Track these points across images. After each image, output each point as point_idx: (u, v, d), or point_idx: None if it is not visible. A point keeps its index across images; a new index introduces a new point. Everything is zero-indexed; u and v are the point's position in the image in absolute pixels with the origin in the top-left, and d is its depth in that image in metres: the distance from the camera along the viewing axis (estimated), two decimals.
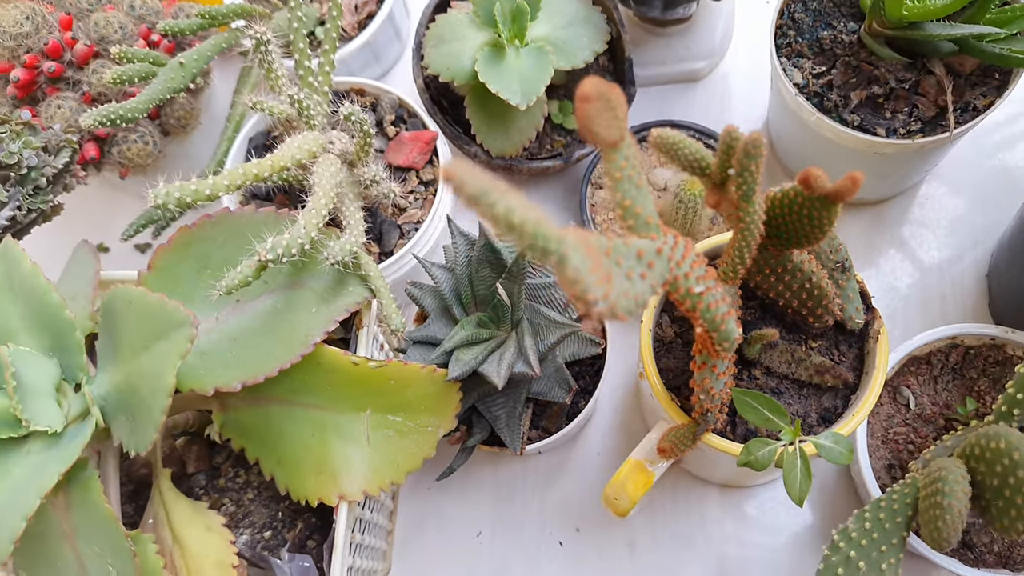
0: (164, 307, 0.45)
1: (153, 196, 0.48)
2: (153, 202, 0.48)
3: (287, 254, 0.49)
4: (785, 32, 0.71)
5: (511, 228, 0.26)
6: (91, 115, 0.57)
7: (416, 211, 0.71)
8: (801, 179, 0.45)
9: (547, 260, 0.28)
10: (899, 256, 0.79)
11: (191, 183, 0.50)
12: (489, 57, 0.68)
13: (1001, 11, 0.63)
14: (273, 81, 0.64)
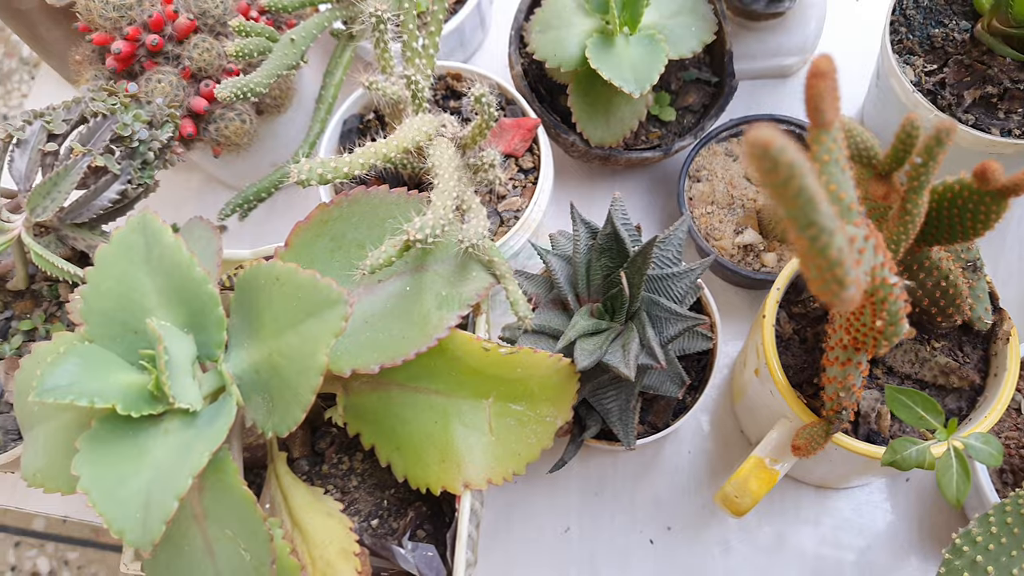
0: (316, 284, 0.43)
1: (297, 172, 0.47)
2: (296, 179, 0.47)
3: (433, 234, 0.48)
4: (897, 29, 0.70)
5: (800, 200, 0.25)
6: (227, 86, 0.56)
7: (516, 199, 0.70)
8: (977, 172, 0.43)
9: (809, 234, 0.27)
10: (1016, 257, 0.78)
11: (331, 160, 0.49)
12: (599, 44, 0.67)
13: None
14: (385, 62, 0.63)
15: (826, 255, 0.27)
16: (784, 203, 0.25)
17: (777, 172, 0.24)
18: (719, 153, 0.76)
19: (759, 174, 0.24)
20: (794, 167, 0.23)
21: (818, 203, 0.25)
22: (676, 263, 0.61)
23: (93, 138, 0.56)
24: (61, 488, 0.47)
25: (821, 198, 0.25)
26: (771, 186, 0.24)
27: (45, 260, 0.54)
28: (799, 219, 0.25)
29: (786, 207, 0.25)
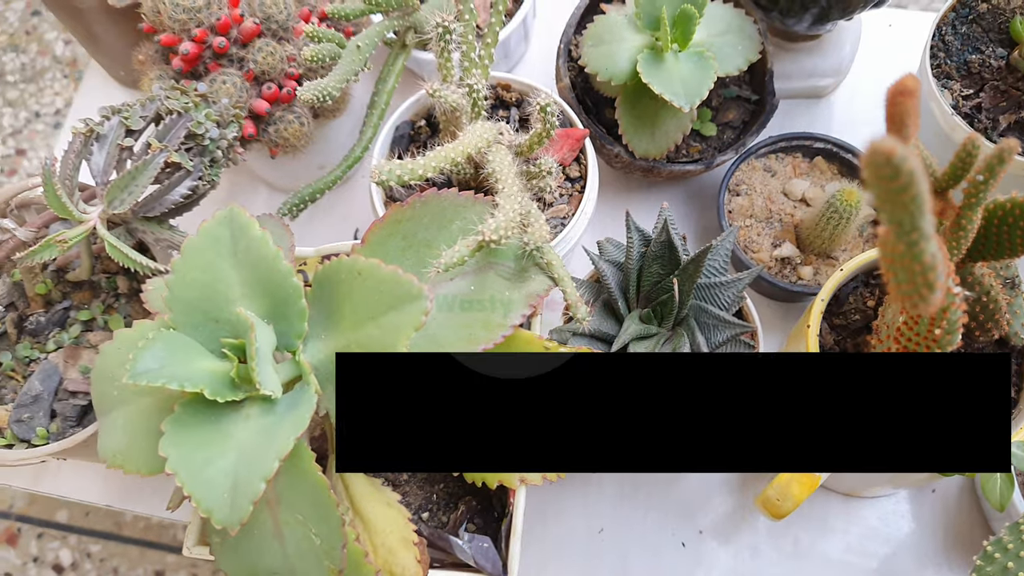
0: (399, 279, 0.45)
1: (377, 172, 0.49)
2: (376, 179, 0.49)
3: (505, 236, 0.50)
4: (936, 54, 0.72)
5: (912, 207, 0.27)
6: (309, 88, 0.58)
7: (563, 207, 0.72)
8: None
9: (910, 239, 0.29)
10: None
11: (407, 162, 0.51)
12: (650, 60, 0.69)
13: None
14: (447, 71, 0.65)
15: (922, 259, 0.29)
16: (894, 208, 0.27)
17: (898, 179, 0.26)
18: (758, 168, 0.79)
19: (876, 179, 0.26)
20: (913, 175, 0.26)
21: (926, 211, 0.27)
22: (723, 272, 0.63)
23: (168, 135, 0.58)
24: (140, 469, 0.48)
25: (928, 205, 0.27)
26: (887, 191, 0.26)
27: (119, 252, 0.56)
28: (904, 223, 0.27)
29: (895, 212, 0.27)
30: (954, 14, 0.73)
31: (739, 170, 0.78)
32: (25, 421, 0.64)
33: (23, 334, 0.68)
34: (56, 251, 0.55)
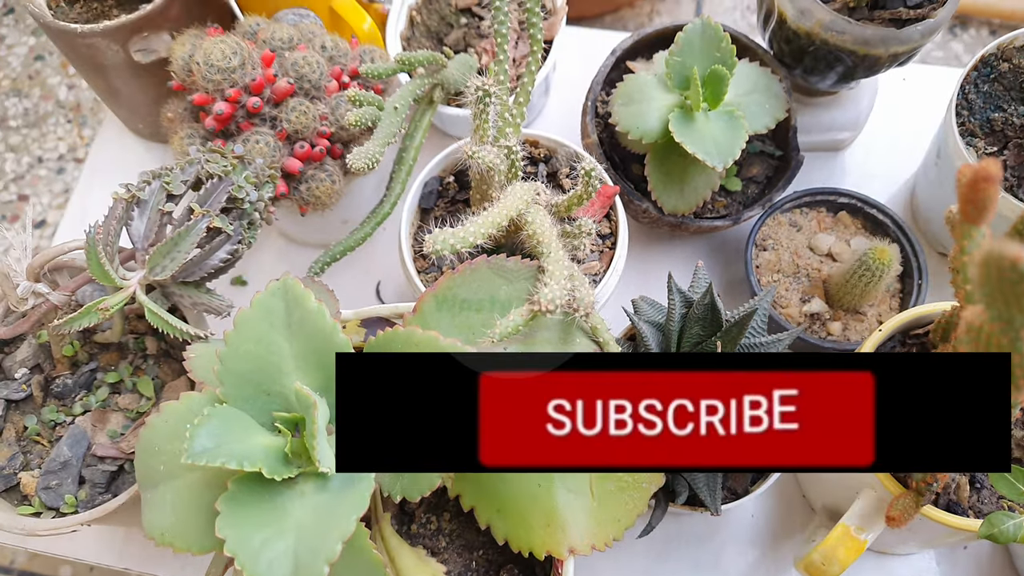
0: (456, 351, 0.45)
1: (431, 241, 0.49)
2: (430, 249, 0.49)
3: (555, 307, 0.49)
4: (960, 112, 0.74)
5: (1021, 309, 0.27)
6: (359, 156, 0.58)
7: (594, 263, 0.72)
8: None
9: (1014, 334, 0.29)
10: None
11: (459, 231, 0.51)
12: (680, 119, 0.70)
13: None
14: (484, 132, 0.65)
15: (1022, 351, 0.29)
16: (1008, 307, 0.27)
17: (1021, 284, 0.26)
18: (783, 223, 0.79)
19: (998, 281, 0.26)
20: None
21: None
22: (763, 332, 0.63)
23: (210, 199, 0.57)
24: (192, 548, 0.47)
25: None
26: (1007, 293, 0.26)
27: (160, 319, 0.55)
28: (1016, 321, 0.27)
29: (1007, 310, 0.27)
30: (976, 73, 0.74)
31: (765, 225, 0.78)
32: (53, 488, 0.62)
33: (49, 397, 0.67)
34: (97, 318, 0.54)
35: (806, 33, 0.72)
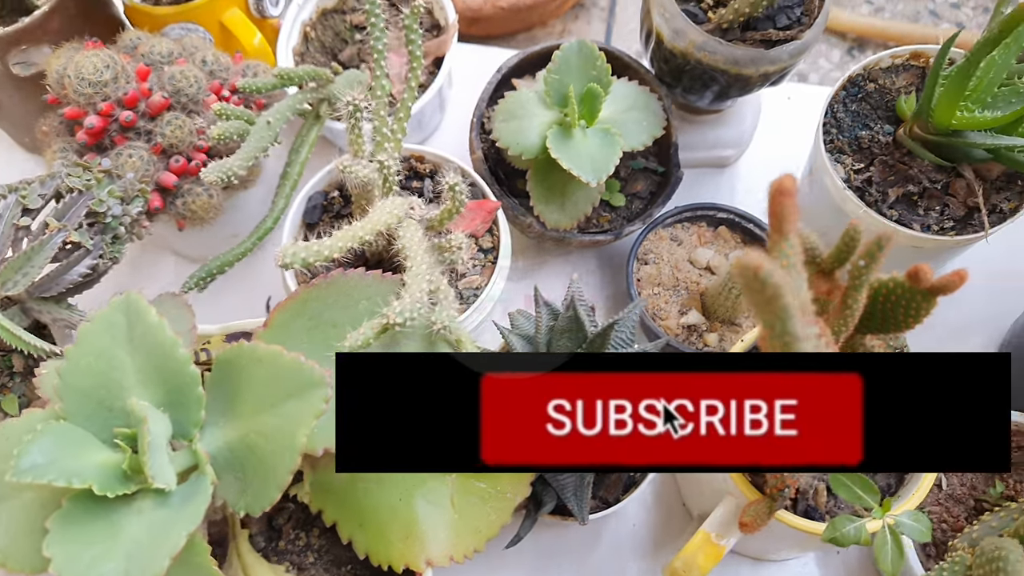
0: (300, 367, 0.45)
1: (282, 255, 0.49)
2: (281, 262, 0.49)
3: (412, 318, 0.50)
4: (828, 130, 0.76)
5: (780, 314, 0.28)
6: (213, 171, 0.57)
7: (475, 277, 0.73)
8: (910, 273, 0.48)
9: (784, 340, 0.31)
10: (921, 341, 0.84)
11: (313, 244, 0.51)
12: (559, 135, 0.71)
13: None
14: (358, 147, 0.65)
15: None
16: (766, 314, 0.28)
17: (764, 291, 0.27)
18: (665, 238, 0.81)
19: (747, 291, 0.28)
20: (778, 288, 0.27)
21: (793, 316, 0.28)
22: (630, 344, 0.64)
23: (68, 213, 0.57)
24: (25, 568, 0.46)
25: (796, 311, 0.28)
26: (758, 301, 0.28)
27: (12, 335, 0.54)
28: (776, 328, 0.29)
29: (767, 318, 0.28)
30: (844, 92, 0.77)
31: (647, 240, 0.80)
32: None
33: None
34: None
35: (681, 53, 0.74)
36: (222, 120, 0.63)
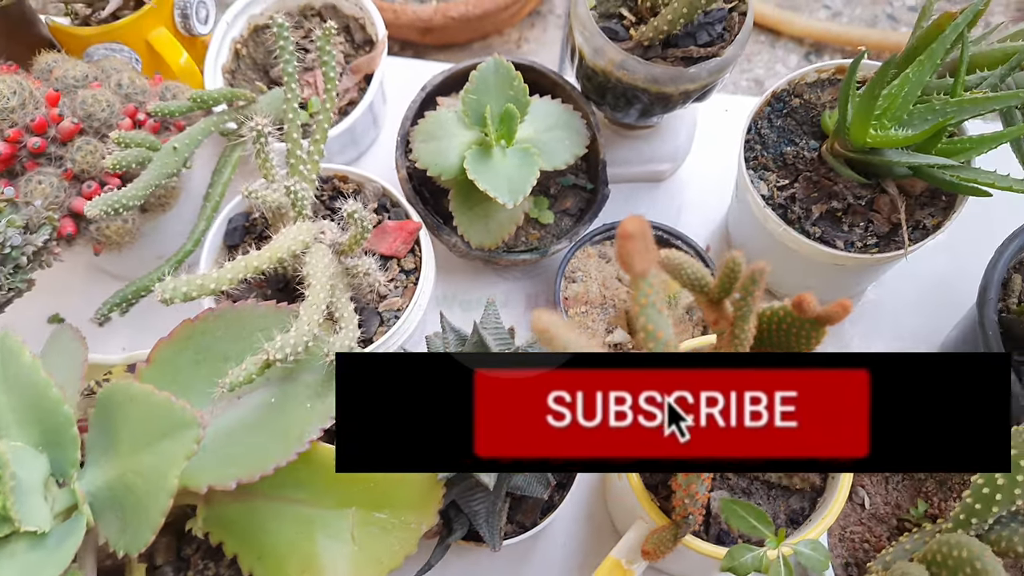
0: (171, 406, 0.45)
1: (161, 291, 0.48)
2: (161, 297, 0.48)
3: (294, 353, 0.49)
4: (752, 146, 0.76)
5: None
6: (96, 205, 0.57)
7: (397, 299, 0.72)
8: (795, 304, 0.48)
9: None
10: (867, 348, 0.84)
11: (196, 277, 0.50)
12: (477, 156, 0.71)
13: (951, 142, 0.69)
14: (267, 171, 0.65)
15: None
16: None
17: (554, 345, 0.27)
18: (593, 255, 0.81)
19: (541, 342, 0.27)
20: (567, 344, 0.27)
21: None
22: None
23: None
24: None
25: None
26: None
27: None
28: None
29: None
30: (769, 108, 0.77)
31: (575, 257, 0.80)
32: None
33: None
34: None
35: (602, 71, 0.74)
36: (121, 148, 0.62)
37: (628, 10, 0.76)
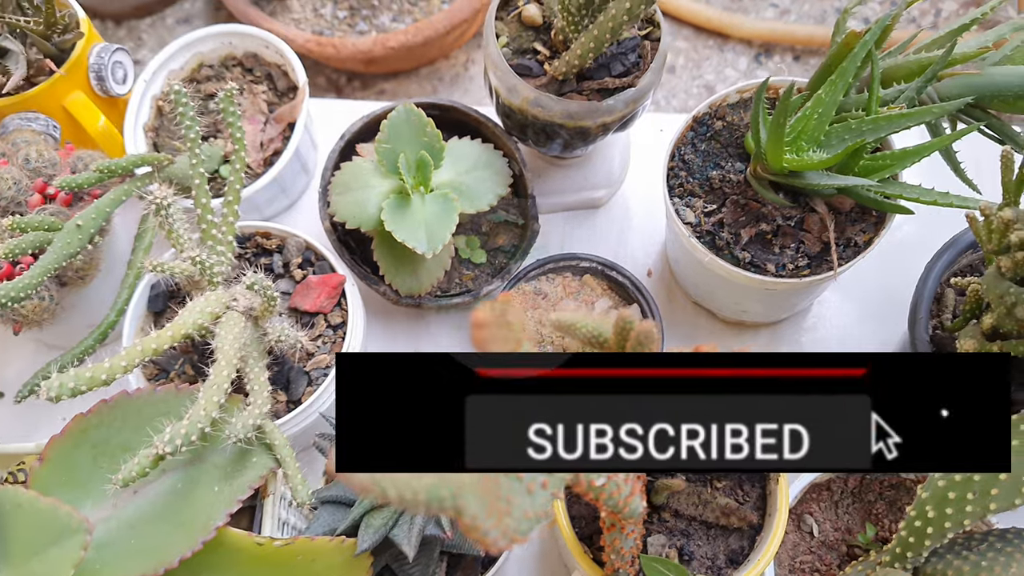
0: (56, 513, 0.43)
1: (46, 390, 0.47)
2: (46, 396, 0.47)
3: (186, 443, 0.48)
4: (677, 173, 0.75)
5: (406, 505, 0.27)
6: None
7: (324, 356, 0.71)
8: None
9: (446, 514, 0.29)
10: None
11: (86, 371, 0.49)
12: (395, 205, 0.70)
13: (874, 158, 0.68)
14: (175, 241, 0.64)
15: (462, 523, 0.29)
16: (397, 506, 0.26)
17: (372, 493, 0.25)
18: (528, 292, 0.79)
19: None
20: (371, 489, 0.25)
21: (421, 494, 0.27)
22: None
23: None
24: None
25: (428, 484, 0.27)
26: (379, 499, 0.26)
27: None
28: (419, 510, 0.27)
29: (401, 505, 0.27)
30: (692, 133, 0.76)
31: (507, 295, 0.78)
32: None
33: None
34: None
35: (518, 109, 0.72)
36: (15, 234, 0.61)
37: (542, 44, 0.75)
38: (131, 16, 1.54)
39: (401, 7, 1.31)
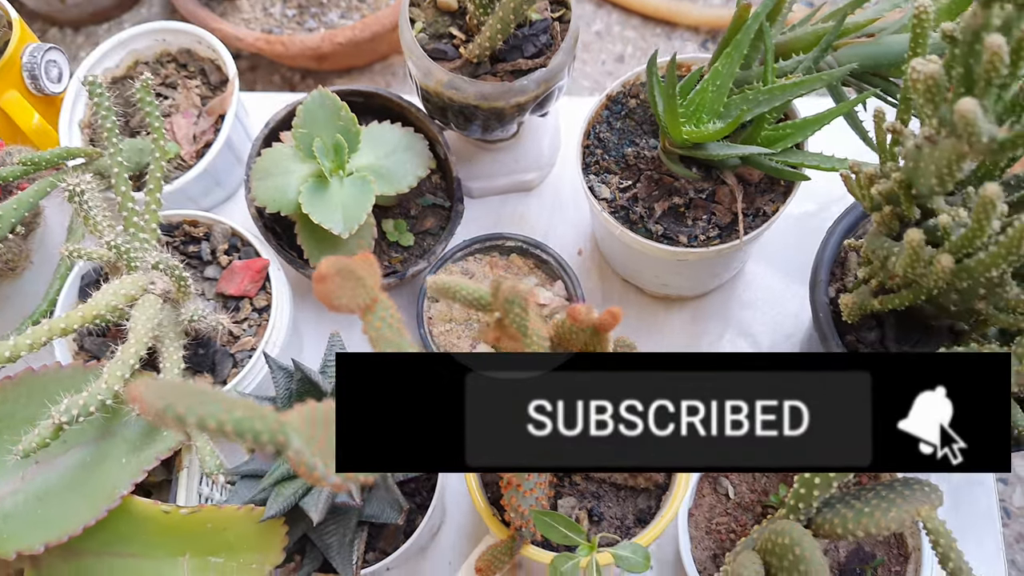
0: None
1: None
2: None
3: (84, 413, 0.50)
4: (592, 151, 0.76)
5: (214, 433, 0.28)
6: None
7: (250, 339, 0.73)
8: (569, 314, 0.48)
9: (265, 450, 0.31)
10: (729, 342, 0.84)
11: None
12: (313, 189, 0.71)
13: (777, 128, 0.69)
14: (93, 227, 0.65)
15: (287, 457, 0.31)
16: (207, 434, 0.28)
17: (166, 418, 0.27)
18: (455, 272, 0.81)
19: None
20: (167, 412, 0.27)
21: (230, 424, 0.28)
22: None
23: None
24: None
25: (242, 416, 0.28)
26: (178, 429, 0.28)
27: None
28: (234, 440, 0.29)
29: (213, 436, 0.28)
30: (607, 111, 0.77)
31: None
32: None
33: None
34: None
35: (434, 92, 0.74)
36: None
37: (458, 29, 0.76)
38: (89, 22, 1.55)
39: (349, 4, 1.33)
